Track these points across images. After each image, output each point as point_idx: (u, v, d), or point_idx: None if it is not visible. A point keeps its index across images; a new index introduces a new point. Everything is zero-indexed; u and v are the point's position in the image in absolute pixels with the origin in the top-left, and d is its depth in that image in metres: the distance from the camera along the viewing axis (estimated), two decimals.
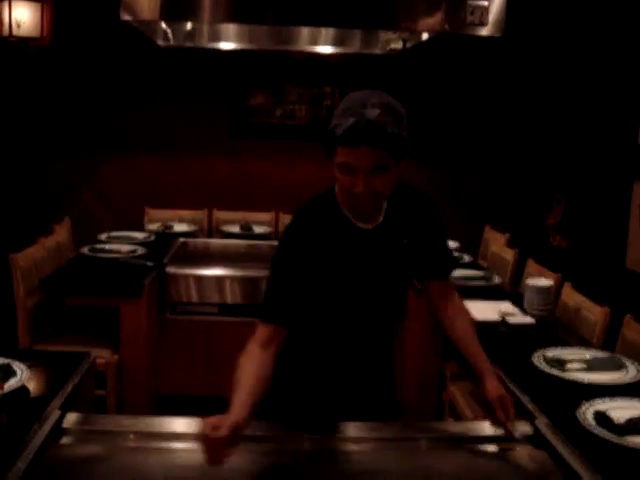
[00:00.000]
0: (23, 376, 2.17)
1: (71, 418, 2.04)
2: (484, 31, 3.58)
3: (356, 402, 2.17)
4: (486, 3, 3.53)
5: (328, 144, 1.92)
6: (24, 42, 5.69)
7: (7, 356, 2.31)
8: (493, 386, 2.07)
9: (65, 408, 2.06)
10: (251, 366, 1.91)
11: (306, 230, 2.05)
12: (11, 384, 2.12)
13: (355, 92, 1.96)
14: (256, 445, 1.94)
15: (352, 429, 2.05)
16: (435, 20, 3.63)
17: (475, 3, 3.54)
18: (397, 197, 2.12)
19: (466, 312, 2.29)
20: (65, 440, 1.96)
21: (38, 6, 5.63)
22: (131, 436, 1.98)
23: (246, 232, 5.44)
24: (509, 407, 2.01)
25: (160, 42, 4.71)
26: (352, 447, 1.98)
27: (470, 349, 2.19)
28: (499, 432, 2.02)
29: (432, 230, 2.23)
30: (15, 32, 5.57)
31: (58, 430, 1.96)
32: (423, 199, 2.22)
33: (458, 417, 3.49)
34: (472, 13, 3.55)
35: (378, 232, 2.09)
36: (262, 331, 1.99)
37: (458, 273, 4.19)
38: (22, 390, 2.13)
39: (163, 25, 4.35)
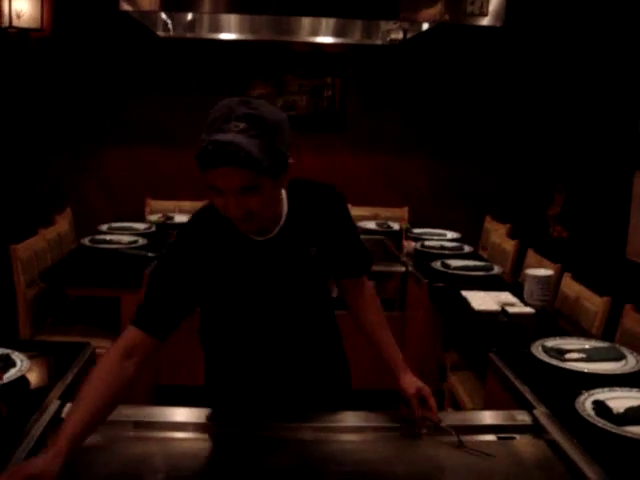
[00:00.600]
0: (23, 366, 2.18)
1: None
2: (484, 21, 3.56)
3: (303, 394, 2.10)
4: None
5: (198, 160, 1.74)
6: (24, 33, 5.68)
7: (7, 347, 2.31)
8: (410, 381, 2.02)
9: (65, 398, 2.06)
10: (102, 382, 1.73)
11: (197, 236, 1.91)
12: (11, 374, 2.12)
13: (223, 101, 1.76)
14: (255, 437, 1.95)
15: (351, 418, 2.05)
16: (435, 10, 3.61)
17: None
18: (299, 198, 1.97)
19: (376, 305, 2.19)
20: None
21: None
22: (133, 426, 1.98)
23: None
24: (428, 399, 1.97)
25: (160, 33, 4.69)
26: (348, 436, 1.98)
27: (382, 343, 2.12)
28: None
29: (342, 228, 2.06)
30: (15, 23, 5.56)
31: (58, 420, 1.96)
32: (328, 194, 2.03)
33: (458, 407, 3.50)
34: (472, 3, 3.54)
35: (276, 242, 1.92)
36: (129, 335, 1.89)
37: (459, 263, 4.21)
38: (22, 380, 2.13)
39: (163, 16, 4.33)
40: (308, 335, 2.09)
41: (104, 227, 5.05)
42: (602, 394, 2.14)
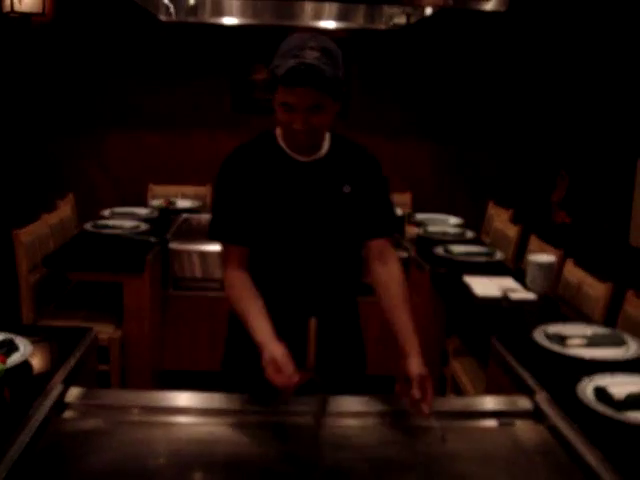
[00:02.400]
0: (26, 351, 2.18)
1: (73, 392, 2.05)
2: (488, 6, 3.55)
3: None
4: None
5: (270, 83, 2.03)
6: (26, 18, 5.67)
7: (10, 331, 2.31)
8: (417, 363, 1.97)
9: (68, 383, 2.07)
10: (250, 291, 2.08)
11: (243, 160, 2.17)
12: (14, 359, 2.12)
13: (294, 35, 2.04)
14: (257, 421, 1.96)
15: (352, 403, 2.05)
16: None
17: None
18: (343, 146, 2.22)
19: (401, 282, 2.21)
20: (67, 414, 1.97)
21: None
22: (137, 410, 1.99)
23: None
24: (428, 387, 1.91)
25: (162, 17, 4.68)
26: (349, 422, 1.99)
27: (399, 322, 2.11)
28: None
29: (375, 184, 2.22)
30: (17, 8, 5.55)
31: (60, 404, 1.97)
32: (370, 156, 2.25)
33: (460, 392, 3.50)
34: None
35: (317, 167, 2.15)
36: (231, 254, 2.15)
37: (461, 248, 4.21)
38: (25, 365, 2.14)
39: (165, 0, 4.33)
40: (333, 273, 2.20)
41: (106, 212, 5.05)
42: (603, 380, 2.14)
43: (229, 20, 4.93)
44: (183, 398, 2.07)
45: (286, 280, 2.15)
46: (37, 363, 2.20)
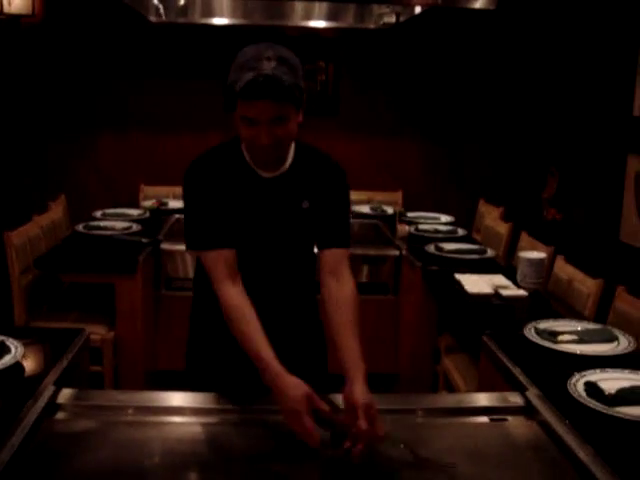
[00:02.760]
0: (17, 353, 2.18)
1: (66, 394, 2.05)
2: (477, 4, 3.57)
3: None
4: None
5: (228, 99, 1.99)
6: (15, 19, 5.65)
7: (2, 333, 2.31)
8: (362, 390, 1.84)
9: (60, 384, 2.07)
10: (248, 309, 1.98)
11: (208, 170, 2.12)
12: (5, 361, 2.12)
13: (249, 47, 2.00)
14: (250, 420, 1.96)
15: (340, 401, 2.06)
16: None
17: None
18: (307, 157, 2.19)
19: (354, 303, 2.10)
20: (60, 415, 1.97)
21: None
22: (129, 411, 1.99)
23: None
24: (374, 415, 1.77)
25: (152, 18, 4.68)
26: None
27: (346, 346, 1.99)
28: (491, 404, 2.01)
29: (334, 197, 2.19)
30: (6, 9, 5.53)
31: (53, 406, 1.97)
32: (333, 167, 2.22)
33: (452, 389, 3.52)
34: None
35: (279, 182, 2.13)
36: (218, 263, 2.04)
37: (452, 246, 4.22)
38: (17, 366, 2.13)
39: (155, 1, 4.33)
40: (291, 285, 2.21)
41: (98, 213, 5.04)
42: (594, 375, 2.15)
43: (219, 20, 4.93)
44: (176, 398, 2.07)
45: (250, 284, 2.10)
46: (29, 365, 2.20)
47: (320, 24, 4.98)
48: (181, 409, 2.02)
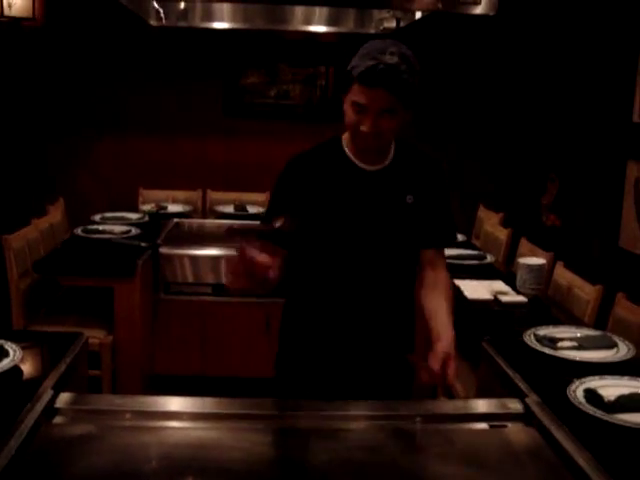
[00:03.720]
0: (16, 356, 2.17)
1: (64, 398, 2.04)
2: (477, 10, 3.56)
3: (367, 368, 2.17)
4: None
5: (344, 81, 2.04)
6: (16, 22, 5.64)
7: (0, 337, 2.30)
8: (448, 343, 1.99)
9: (58, 388, 2.06)
10: None
11: (306, 163, 2.17)
12: (3, 365, 2.11)
13: (375, 40, 2.05)
14: (249, 425, 1.95)
15: (343, 407, 2.05)
16: None
17: None
18: (408, 153, 2.21)
19: (448, 285, 2.23)
20: (58, 420, 1.97)
21: None
22: (127, 415, 1.98)
23: (240, 212, 5.43)
24: (450, 364, 1.93)
25: (152, 22, 4.68)
26: (341, 425, 1.99)
27: (439, 315, 2.10)
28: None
29: (438, 194, 2.22)
30: (7, 12, 5.51)
31: (51, 410, 1.97)
32: (434, 162, 2.26)
33: (451, 396, 3.51)
34: None
35: (382, 176, 2.14)
36: None
37: (452, 252, 4.21)
38: (15, 370, 2.13)
39: (155, 4, 4.32)
40: (389, 284, 2.18)
41: (97, 217, 5.04)
42: (593, 382, 2.15)
43: (219, 24, 4.92)
44: (174, 403, 2.06)
45: (340, 289, 2.14)
46: (27, 368, 2.19)
47: (320, 29, 4.98)
48: (179, 414, 2.01)
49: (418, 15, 4.09)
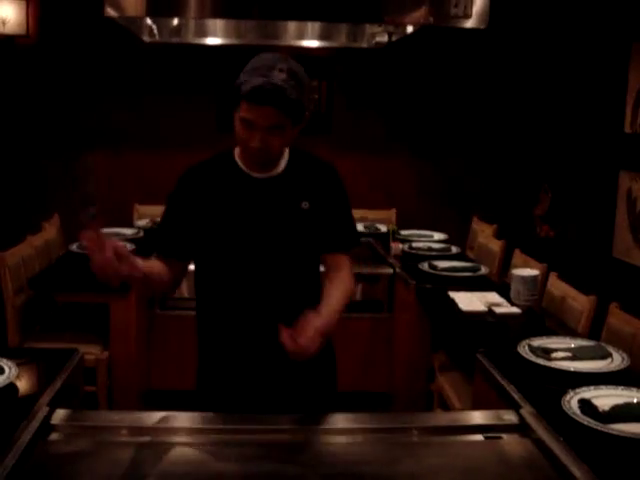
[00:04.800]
0: (11, 373, 2.17)
1: (60, 414, 2.04)
2: (468, 23, 3.59)
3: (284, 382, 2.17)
4: None
5: (234, 98, 2.06)
6: (10, 40, 5.67)
7: None
8: (324, 320, 1.99)
9: (54, 405, 2.06)
10: (156, 263, 2.23)
11: (197, 176, 2.24)
12: None
13: (265, 54, 2.09)
14: (245, 440, 1.96)
15: (339, 420, 2.06)
16: (420, 13, 3.64)
17: None
18: (302, 161, 2.23)
19: (350, 281, 2.23)
20: (54, 436, 1.97)
21: (23, 3, 5.62)
22: (123, 431, 1.98)
23: None
24: (307, 334, 1.91)
25: (145, 38, 4.69)
26: (338, 438, 1.99)
27: (330, 294, 2.13)
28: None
29: (335, 199, 2.23)
30: (0, 30, 5.55)
31: (47, 426, 1.96)
32: (329, 168, 2.27)
33: (447, 408, 3.51)
34: (456, 6, 3.56)
35: (274, 183, 2.16)
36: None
37: (446, 264, 4.23)
38: (10, 387, 2.13)
39: (148, 21, 4.34)
40: (293, 291, 2.18)
41: None
42: (588, 392, 2.15)
43: (212, 40, 4.94)
44: (170, 418, 2.06)
45: (245, 298, 2.15)
46: (23, 385, 2.19)
47: (313, 44, 5.01)
48: (175, 429, 2.01)
49: (410, 29, 4.11)
